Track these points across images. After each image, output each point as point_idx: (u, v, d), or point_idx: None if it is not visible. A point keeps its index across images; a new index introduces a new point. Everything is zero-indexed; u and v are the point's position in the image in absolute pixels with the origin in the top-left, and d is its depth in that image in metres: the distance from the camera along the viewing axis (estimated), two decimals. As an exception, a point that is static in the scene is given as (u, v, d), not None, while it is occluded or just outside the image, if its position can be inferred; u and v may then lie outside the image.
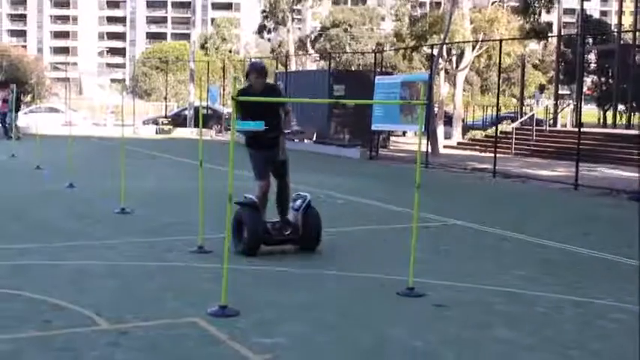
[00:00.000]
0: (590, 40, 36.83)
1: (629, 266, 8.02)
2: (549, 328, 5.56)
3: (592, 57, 38.48)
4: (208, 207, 8.44)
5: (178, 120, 37.63)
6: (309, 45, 54.15)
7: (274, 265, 7.33)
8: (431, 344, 5.10)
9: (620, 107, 35.19)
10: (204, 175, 8.34)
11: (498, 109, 23.00)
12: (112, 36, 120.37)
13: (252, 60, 7.10)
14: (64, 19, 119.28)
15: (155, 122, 37.11)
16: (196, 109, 34.08)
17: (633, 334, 5.47)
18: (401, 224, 10.14)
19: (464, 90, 39.02)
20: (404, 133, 35.39)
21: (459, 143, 30.83)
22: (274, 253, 7.81)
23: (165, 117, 38.61)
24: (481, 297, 6.45)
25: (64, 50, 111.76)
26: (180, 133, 34.79)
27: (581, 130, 19.30)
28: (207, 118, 34.44)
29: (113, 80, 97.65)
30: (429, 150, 22.14)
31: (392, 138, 31.70)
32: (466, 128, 35.64)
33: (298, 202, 7.97)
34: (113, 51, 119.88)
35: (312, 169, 17.17)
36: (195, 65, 39.54)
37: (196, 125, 34.14)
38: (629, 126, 31.61)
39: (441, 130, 30.71)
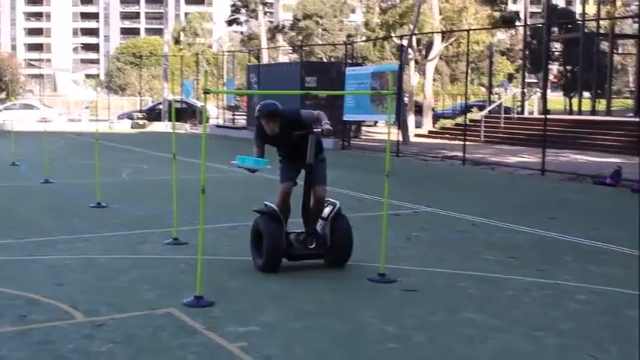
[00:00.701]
0: (556, 29, 37.31)
1: (593, 248, 8.25)
2: (517, 310, 5.72)
3: (558, 46, 38.98)
4: (183, 199, 8.51)
5: (153, 114, 37.53)
6: (280, 37, 54.01)
7: (248, 255, 7.41)
8: (403, 329, 5.22)
9: (585, 94, 35.72)
10: (179, 168, 8.40)
11: (467, 98, 23.26)
12: (86, 32, 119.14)
13: (261, 103, 6.37)
14: (38, 15, 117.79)
15: (130, 117, 37.04)
16: (170, 104, 34.00)
17: (598, 314, 5.66)
18: (372, 212, 10.27)
19: (434, 80, 39.28)
20: (375, 123, 35.57)
21: (429, 132, 31.07)
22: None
23: (140, 111, 38.50)
24: (451, 281, 6.60)
25: (38, 47, 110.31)
26: (154, 127, 34.67)
27: (548, 117, 19.66)
28: (182, 112, 34.37)
29: (88, 76, 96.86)
30: (400, 139, 22.34)
31: (363, 128, 31.87)
32: (436, 117, 35.92)
33: (327, 210, 6.98)
34: (87, 47, 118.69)
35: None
36: (169, 60, 39.36)
37: (171, 119, 34.05)
38: (593, 112, 32.10)
39: (411, 119, 30.98)
